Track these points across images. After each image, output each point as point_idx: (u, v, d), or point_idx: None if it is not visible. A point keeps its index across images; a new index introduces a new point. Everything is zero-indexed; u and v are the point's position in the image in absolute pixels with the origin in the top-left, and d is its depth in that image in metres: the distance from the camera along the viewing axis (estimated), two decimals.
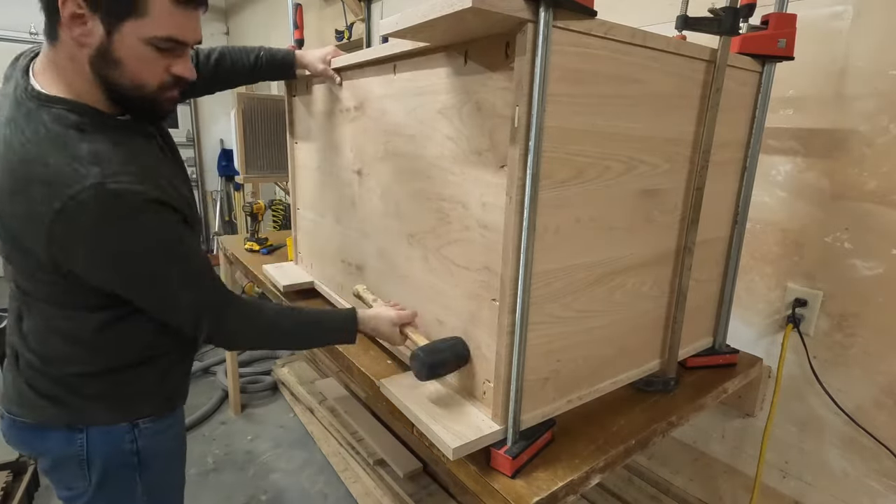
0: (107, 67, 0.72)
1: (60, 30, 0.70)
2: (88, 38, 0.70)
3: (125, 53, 0.71)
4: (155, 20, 0.71)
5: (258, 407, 2.82)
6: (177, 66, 0.77)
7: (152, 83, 0.76)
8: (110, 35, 0.70)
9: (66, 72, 0.73)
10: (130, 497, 0.98)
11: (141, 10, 0.69)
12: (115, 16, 0.69)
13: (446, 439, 0.81)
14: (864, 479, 1.26)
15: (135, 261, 0.75)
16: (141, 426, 0.94)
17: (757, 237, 1.39)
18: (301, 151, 1.60)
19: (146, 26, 0.70)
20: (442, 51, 0.89)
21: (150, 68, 0.75)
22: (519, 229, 0.75)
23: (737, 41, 1.03)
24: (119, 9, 0.68)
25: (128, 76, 0.73)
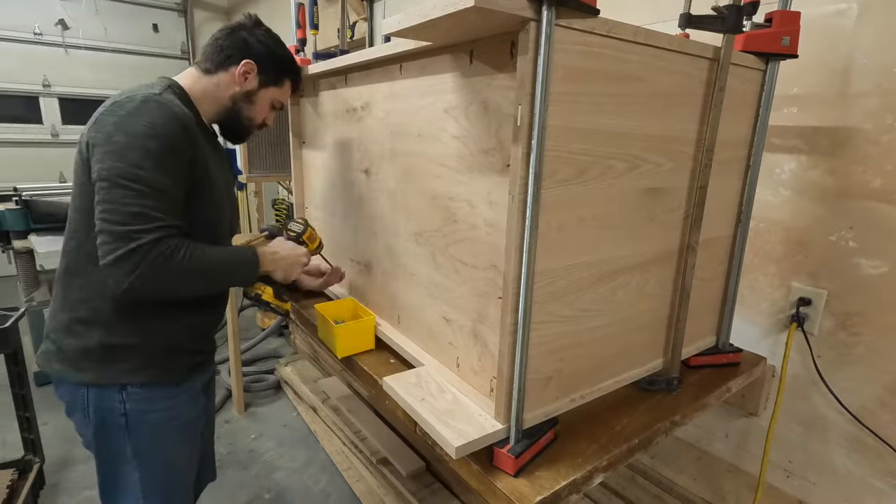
0: (244, 102, 1.16)
1: (223, 72, 1.13)
2: (245, 85, 1.15)
3: (259, 101, 1.19)
4: (281, 92, 1.23)
5: (262, 406, 2.83)
6: (269, 118, 1.25)
7: (257, 121, 1.22)
8: (259, 89, 1.17)
9: (201, 88, 1.12)
10: (121, 456, 1.08)
11: (280, 84, 1.21)
12: (266, 82, 1.18)
13: (449, 438, 0.81)
14: (868, 479, 1.25)
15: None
16: (129, 389, 1.04)
17: (761, 236, 1.38)
18: (309, 151, 1.60)
19: (277, 93, 1.22)
20: (447, 51, 0.89)
21: (263, 113, 1.22)
22: (522, 228, 0.75)
23: (740, 39, 1.03)
24: (271, 80, 1.19)
25: (251, 112, 1.19)
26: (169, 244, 0.92)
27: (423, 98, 0.98)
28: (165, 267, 0.91)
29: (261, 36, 1.15)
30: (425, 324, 1.09)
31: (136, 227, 0.89)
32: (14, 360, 1.96)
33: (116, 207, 0.89)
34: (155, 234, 0.90)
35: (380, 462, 2.11)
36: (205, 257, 0.98)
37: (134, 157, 0.90)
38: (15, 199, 2.90)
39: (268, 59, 1.15)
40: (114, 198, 0.89)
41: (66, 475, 2.20)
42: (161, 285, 0.94)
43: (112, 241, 0.89)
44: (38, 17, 4.63)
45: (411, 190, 1.06)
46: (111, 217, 0.89)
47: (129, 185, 0.89)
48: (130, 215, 0.89)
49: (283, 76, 1.20)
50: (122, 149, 0.90)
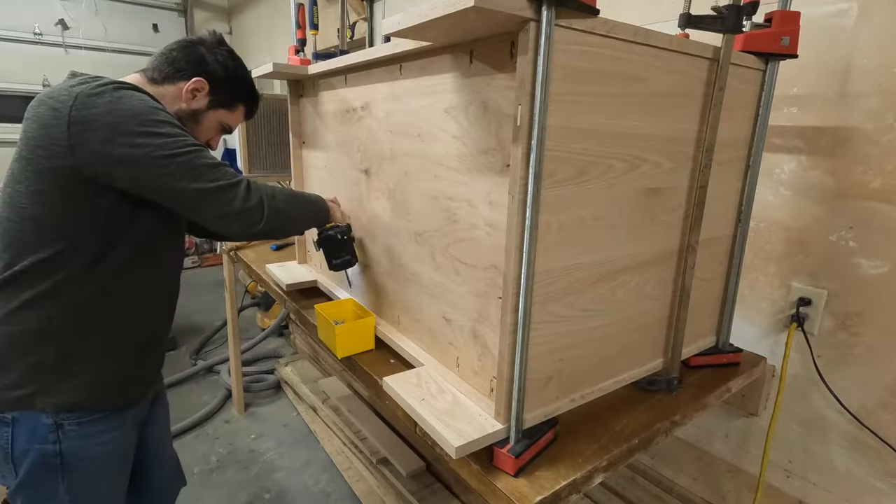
0: (189, 120, 1.09)
1: (169, 85, 1.06)
2: (192, 103, 1.08)
3: (206, 121, 1.13)
4: (232, 115, 1.17)
5: (262, 406, 2.83)
6: (214, 140, 1.19)
7: (201, 141, 1.13)
8: (207, 110, 1.11)
9: (151, 94, 1.01)
10: (53, 499, 0.99)
11: (232, 107, 1.16)
12: (217, 104, 1.12)
13: (449, 438, 0.81)
14: (868, 479, 1.25)
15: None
16: (66, 427, 0.96)
17: (761, 236, 1.38)
18: (309, 151, 1.60)
19: (227, 117, 1.16)
20: (447, 51, 0.89)
21: (207, 134, 1.16)
22: (521, 228, 0.75)
23: (740, 39, 1.03)
24: (223, 102, 1.13)
25: (195, 131, 1.11)
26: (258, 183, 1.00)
27: (423, 98, 0.98)
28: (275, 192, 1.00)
29: (220, 55, 1.10)
30: (425, 324, 1.09)
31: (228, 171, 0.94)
32: None
33: (198, 172, 0.91)
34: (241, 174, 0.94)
35: (380, 462, 2.11)
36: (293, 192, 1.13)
37: (163, 129, 0.90)
38: None
39: (223, 80, 1.10)
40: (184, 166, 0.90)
41: None
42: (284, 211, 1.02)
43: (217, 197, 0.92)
44: (38, 17, 4.63)
45: (411, 190, 1.06)
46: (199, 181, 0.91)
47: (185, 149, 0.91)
48: (212, 170, 0.92)
49: (237, 100, 1.15)
50: (142, 128, 0.88)
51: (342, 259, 1.26)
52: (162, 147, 0.88)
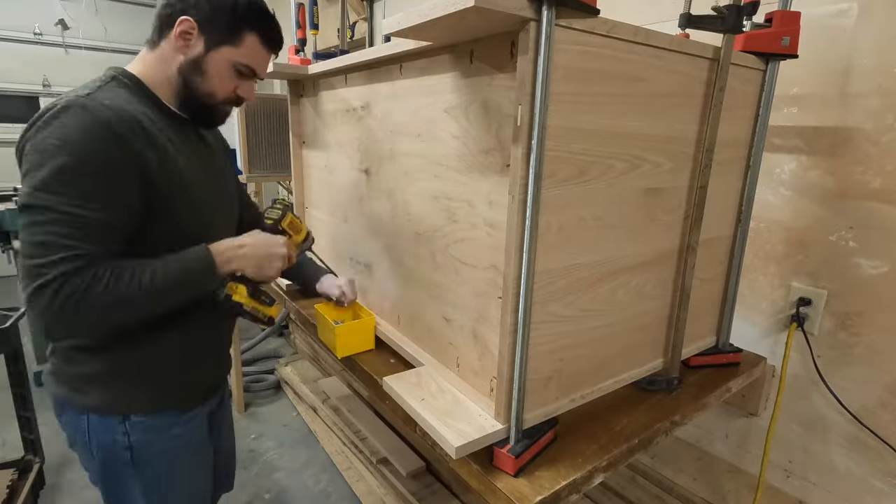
0: (193, 73, 0.91)
1: (164, 40, 0.91)
2: (188, 50, 0.90)
3: (212, 67, 0.92)
4: (243, 51, 0.93)
5: (262, 406, 2.83)
6: (242, 89, 0.97)
7: (220, 95, 0.95)
8: (207, 52, 0.90)
9: (151, 67, 0.92)
10: (129, 495, 0.98)
11: (236, 41, 0.92)
12: (216, 41, 0.90)
13: (449, 438, 0.81)
14: (868, 479, 1.25)
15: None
16: (133, 419, 0.94)
17: (761, 236, 1.38)
18: (309, 151, 1.60)
19: (235, 53, 0.92)
20: (447, 51, 0.89)
21: (225, 84, 0.94)
22: (522, 228, 0.75)
23: (740, 39, 1.03)
24: (221, 37, 0.90)
25: (206, 84, 0.92)
26: (82, 277, 0.77)
27: (423, 98, 0.98)
28: (82, 303, 0.77)
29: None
30: (425, 324, 1.09)
31: (40, 261, 0.75)
32: (14, 360, 1.96)
33: (24, 237, 0.77)
34: (63, 266, 0.75)
35: (380, 462, 2.11)
36: (136, 277, 0.81)
37: (40, 178, 0.75)
38: (15, 199, 2.90)
39: (211, 10, 0.88)
40: (23, 226, 0.77)
41: (66, 475, 2.20)
42: (82, 321, 0.80)
43: (22, 278, 0.77)
44: (38, 17, 4.63)
45: (411, 190, 1.06)
46: (22, 248, 0.78)
47: (34, 210, 0.76)
48: (34, 246, 0.76)
49: (238, 29, 0.90)
50: (31, 169, 0.77)
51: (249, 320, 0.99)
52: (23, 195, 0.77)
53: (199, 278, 0.89)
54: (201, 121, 0.98)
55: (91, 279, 0.77)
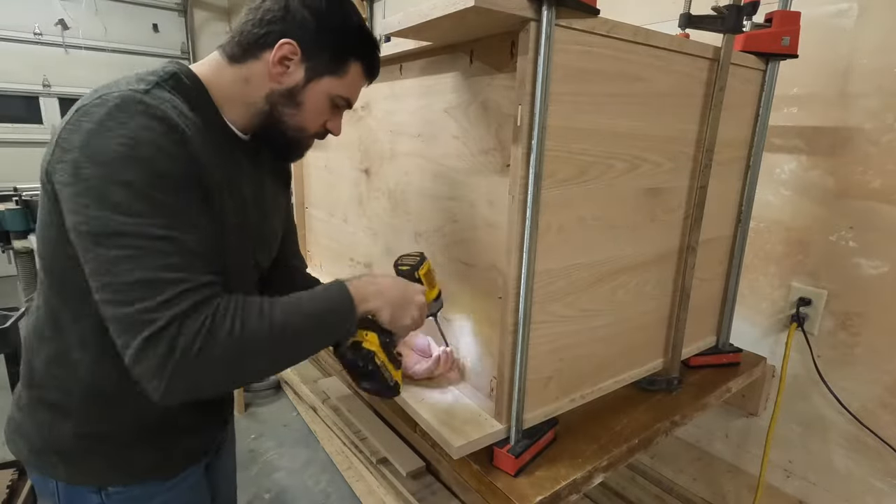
0: (287, 105, 0.76)
1: (254, 60, 0.74)
2: (284, 78, 0.75)
3: (309, 100, 0.77)
4: (345, 81, 0.78)
5: (262, 406, 2.83)
6: (332, 122, 0.83)
7: (311, 130, 0.81)
8: (307, 83, 0.76)
9: (227, 84, 0.75)
10: None
11: (341, 72, 0.77)
12: (319, 70, 0.76)
13: (449, 438, 0.81)
14: (868, 479, 1.25)
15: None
16: (110, 490, 0.79)
17: (761, 236, 1.38)
18: (309, 151, 1.60)
19: (337, 86, 0.78)
20: (447, 51, 0.89)
21: (318, 117, 0.80)
22: (522, 228, 0.75)
23: (740, 39, 1.03)
24: (326, 66, 0.76)
25: (299, 118, 0.78)
26: (203, 315, 0.61)
27: (423, 98, 0.98)
28: (206, 350, 0.60)
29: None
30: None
31: (143, 305, 0.58)
32: (14, 360, 1.96)
33: (110, 281, 0.60)
34: (175, 306, 0.59)
35: (380, 462, 2.11)
36: (265, 314, 0.66)
37: (115, 199, 0.59)
38: (15, 199, 2.90)
39: (317, 33, 0.73)
40: (102, 266, 0.60)
41: None
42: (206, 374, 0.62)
43: (120, 333, 0.60)
44: (38, 17, 4.63)
45: (411, 190, 1.06)
46: (109, 296, 0.60)
47: (117, 243, 0.59)
48: (131, 287, 0.59)
49: (345, 57, 0.77)
50: (96, 187, 0.59)
51: (371, 387, 0.82)
52: (95, 224, 0.59)
53: (337, 318, 0.73)
54: (280, 153, 0.85)
55: (213, 319, 0.61)
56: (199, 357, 0.59)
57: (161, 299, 0.59)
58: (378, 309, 0.77)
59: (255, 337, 0.64)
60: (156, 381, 0.59)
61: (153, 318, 0.58)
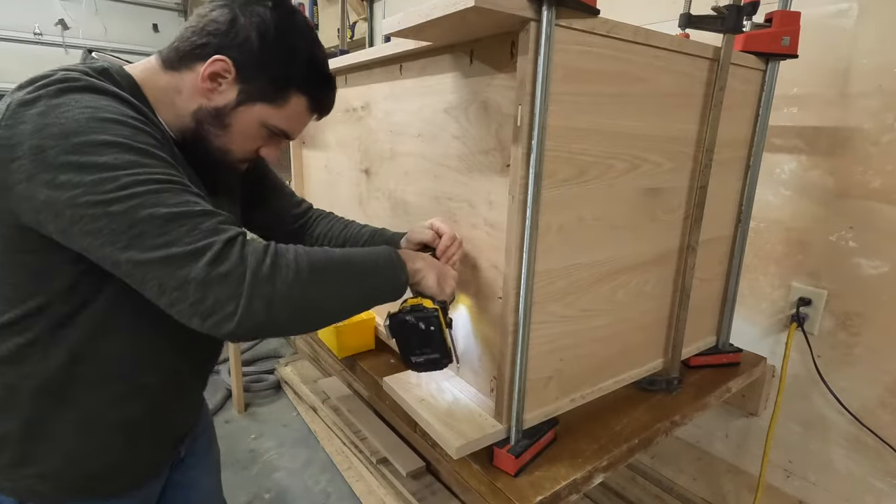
0: (212, 124, 0.71)
1: (185, 70, 0.70)
2: (213, 96, 0.70)
3: (238, 123, 0.72)
4: (282, 113, 0.73)
5: (262, 406, 2.83)
6: (266, 149, 0.78)
7: (238, 154, 0.75)
8: (237, 106, 0.71)
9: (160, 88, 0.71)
10: None
11: (279, 101, 0.72)
12: (253, 95, 0.71)
13: (449, 438, 0.81)
14: (868, 479, 1.25)
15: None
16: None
17: (761, 236, 1.38)
18: (309, 151, 1.60)
19: (273, 115, 0.73)
20: (447, 51, 0.89)
21: (247, 143, 0.75)
22: (522, 228, 0.75)
23: (740, 39, 1.03)
24: (261, 92, 0.71)
25: (223, 140, 0.73)
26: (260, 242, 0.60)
27: (423, 98, 0.98)
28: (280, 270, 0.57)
29: (258, 14, 0.69)
30: None
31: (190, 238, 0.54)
32: None
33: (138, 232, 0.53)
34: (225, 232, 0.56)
35: (380, 462, 2.11)
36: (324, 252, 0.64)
37: (101, 160, 0.54)
38: None
39: (259, 56, 0.69)
40: (120, 223, 0.53)
41: None
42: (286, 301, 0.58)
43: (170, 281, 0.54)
44: (38, 17, 4.63)
45: (411, 190, 1.06)
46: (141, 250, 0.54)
47: (125, 195, 0.54)
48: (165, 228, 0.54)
49: (286, 87, 0.72)
50: (72, 160, 0.53)
51: (425, 357, 0.81)
52: (93, 188, 0.53)
53: (389, 267, 0.72)
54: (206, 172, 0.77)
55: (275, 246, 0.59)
56: (273, 273, 0.56)
57: (207, 226, 0.55)
58: (423, 271, 0.77)
59: (321, 263, 0.62)
60: (233, 304, 0.54)
61: (206, 243, 0.54)
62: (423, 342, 0.80)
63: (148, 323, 0.69)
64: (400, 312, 0.80)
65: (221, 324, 0.55)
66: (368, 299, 0.71)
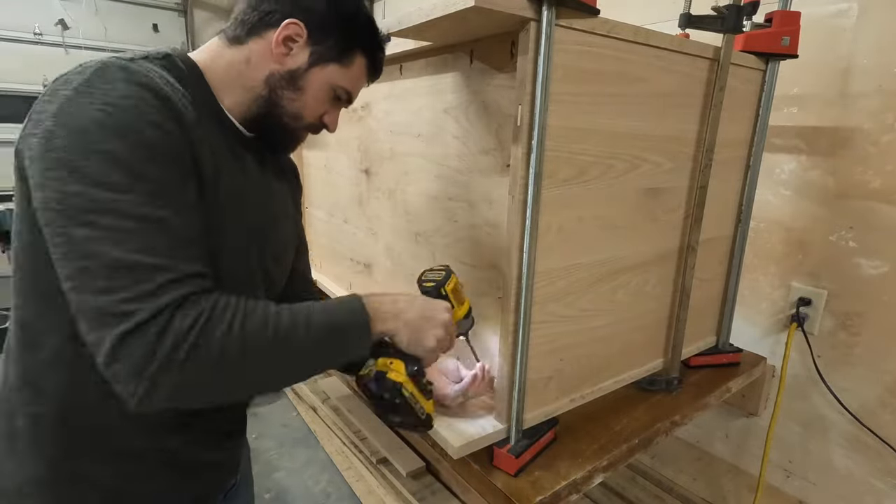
0: (286, 88, 0.72)
1: (256, 39, 0.70)
2: (286, 60, 0.71)
3: (311, 86, 0.73)
4: (349, 74, 0.75)
5: (261, 405, 2.83)
6: (330, 115, 0.79)
7: (307, 119, 0.76)
8: (310, 67, 0.72)
9: (225, 66, 0.71)
10: None
11: (347, 62, 0.74)
12: (325, 57, 0.72)
13: (449, 438, 0.81)
14: (868, 479, 1.25)
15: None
16: None
17: (761, 236, 1.38)
18: (309, 151, 1.60)
19: (342, 76, 0.74)
20: (447, 51, 0.89)
21: (317, 106, 0.76)
22: (522, 228, 0.75)
23: (740, 39, 1.03)
24: (332, 53, 0.72)
25: (297, 104, 0.73)
26: (198, 309, 0.53)
27: (423, 98, 0.98)
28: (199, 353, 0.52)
29: None
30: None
31: (122, 295, 0.50)
32: None
33: (83, 266, 0.51)
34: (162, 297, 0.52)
35: (380, 462, 2.11)
36: (269, 321, 0.58)
37: (90, 171, 0.52)
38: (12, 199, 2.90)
39: (327, 18, 0.70)
40: (74, 248, 0.51)
41: None
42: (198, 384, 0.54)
43: (93, 328, 0.51)
44: (38, 17, 4.63)
45: (411, 190, 1.06)
46: (79, 283, 0.51)
47: (91, 220, 0.51)
48: (108, 272, 0.51)
49: (352, 47, 0.73)
50: (69, 159, 0.52)
51: (401, 419, 0.74)
52: (69, 200, 0.51)
53: (351, 337, 0.66)
54: (273, 143, 0.78)
55: (209, 315, 0.54)
56: (188, 357, 0.51)
57: (145, 288, 0.51)
58: (394, 331, 0.70)
59: (257, 341, 0.56)
60: (133, 384, 0.51)
61: (134, 308, 0.50)
62: (391, 410, 0.72)
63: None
64: (363, 377, 0.72)
65: (123, 397, 0.52)
66: (317, 370, 0.68)
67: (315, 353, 0.63)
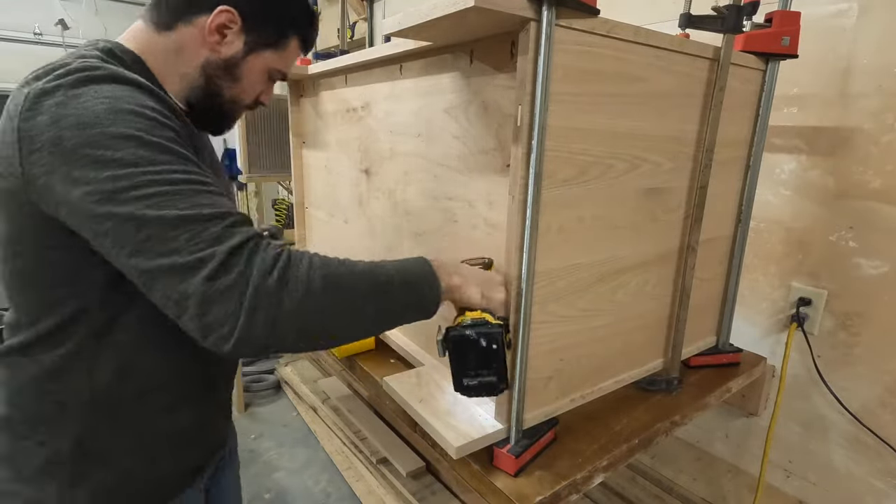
0: (223, 77, 0.73)
1: (184, 24, 0.69)
2: (221, 48, 0.71)
3: (248, 73, 0.75)
4: (283, 56, 0.78)
5: (262, 406, 2.83)
6: (265, 94, 0.82)
7: (245, 101, 0.79)
8: (247, 55, 0.73)
9: (158, 54, 0.70)
10: None
11: (281, 46, 0.76)
12: (260, 43, 0.74)
13: (449, 438, 0.81)
14: (868, 479, 1.25)
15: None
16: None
17: (761, 236, 1.38)
18: (309, 151, 1.60)
19: (276, 59, 0.77)
20: (447, 51, 0.89)
21: (254, 90, 0.79)
22: (522, 229, 0.75)
23: (740, 39, 1.03)
24: (267, 38, 0.74)
25: (235, 90, 0.76)
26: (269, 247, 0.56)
27: (423, 98, 0.98)
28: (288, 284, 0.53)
29: None
30: (426, 323, 1.09)
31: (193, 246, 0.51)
32: None
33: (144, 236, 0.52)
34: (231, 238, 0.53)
35: (380, 462, 2.11)
36: (345, 263, 0.60)
37: (115, 155, 0.53)
38: None
39: (262, 4, 0.72)
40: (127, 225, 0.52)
41: None
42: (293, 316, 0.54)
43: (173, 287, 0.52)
44: (38, 17, 4.63)
45: (411, 190, 1.06)
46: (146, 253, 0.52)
47: (135, 195, 0.52)
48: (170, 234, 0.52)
49: (286, 31, 0.75)
50: (87, 153, 0.52)
51: (479, 380, 0.72)
52: (104, 185, 0.52)
53: (420, 283, 0.66)
54: (212, 126, 0.80)
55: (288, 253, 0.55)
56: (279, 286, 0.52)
57: (213, 232, 0.52)
58: (461, 285, 0.70)
59: (338, 276, 0.57)
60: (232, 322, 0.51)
61: (210, 252, 0.51)
62: (482, 362, 0.71)
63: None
64: (458, 326, 0.70)
65: (219, 343, 0.52)
66: (392, 319, 0.66)
67: (390, 294, 0.63)
